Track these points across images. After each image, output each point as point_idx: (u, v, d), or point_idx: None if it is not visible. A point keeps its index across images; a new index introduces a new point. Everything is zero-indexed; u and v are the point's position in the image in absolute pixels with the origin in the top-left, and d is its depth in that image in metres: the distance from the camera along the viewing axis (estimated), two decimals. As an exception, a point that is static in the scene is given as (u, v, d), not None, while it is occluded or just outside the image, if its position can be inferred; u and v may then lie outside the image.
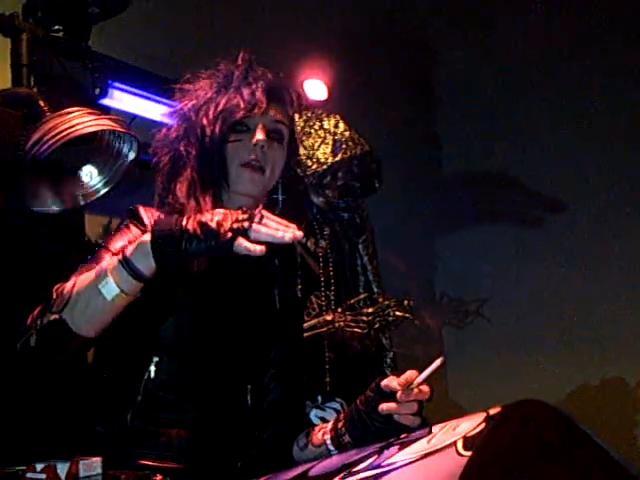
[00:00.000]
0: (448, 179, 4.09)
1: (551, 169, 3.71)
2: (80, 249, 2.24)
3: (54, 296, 1.48)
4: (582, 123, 3.64)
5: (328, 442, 1.56)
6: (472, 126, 3.95)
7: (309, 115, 2.89)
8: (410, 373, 1.44)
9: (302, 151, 2.79)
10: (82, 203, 2.15)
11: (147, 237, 1.44)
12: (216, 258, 1.59)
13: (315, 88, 3.22)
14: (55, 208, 2.11)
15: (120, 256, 1.44)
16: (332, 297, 2.81)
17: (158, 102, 2.49)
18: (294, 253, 1.92)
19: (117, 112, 2.41)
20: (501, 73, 3.87)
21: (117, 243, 1.60)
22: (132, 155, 2.03)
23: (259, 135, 1.67)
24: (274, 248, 1.71)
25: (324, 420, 2.13)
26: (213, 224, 1.39)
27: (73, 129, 1.97)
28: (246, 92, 1.67)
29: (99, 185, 2.16)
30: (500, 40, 3.85)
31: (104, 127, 2.03)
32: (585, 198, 3.63)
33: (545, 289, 3.70)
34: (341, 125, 2.82)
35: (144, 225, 1.63)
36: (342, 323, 2.78)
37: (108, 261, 1.47)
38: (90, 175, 2.17)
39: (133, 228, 1.64)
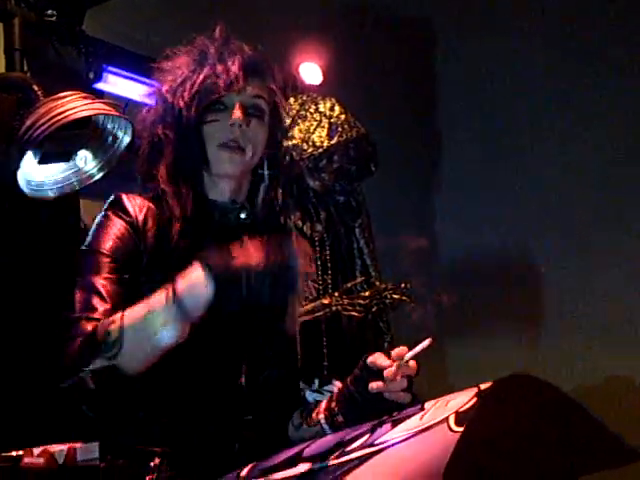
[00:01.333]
0: (447, 162, 4.08)
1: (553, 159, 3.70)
2: (76, 235, 2.24)
3: (99, 335, 1.40)
4: (585, 119, 3.63)
5: (322, 421, 1.55)
6: (473, 108, 3.93)
7: (304, 98, 2.89)
8: (401, 349, 1.44)
9: (298, 134, 2.79)
10: (77, 188, 2.15)
11: (201, 279, 1.33)
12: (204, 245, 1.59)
13: (310, 72, 3.21)
14: (50, 194, 2.11)
15: (172, 301, 1.35)
16: (329, 281, 2.81)
17: (153, 86, 2.48)
18: (285, 230, 1.89)
19: (112, 96, 2.41)
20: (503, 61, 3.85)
21: (107, 243, 1.56)
22: (127, 139, 2.02)
23: (236, 114, 1.62)
24: (264, 228, 1.70)
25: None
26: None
27: (67, 113, 1.97)
28: (222, 69, 1.61)
29: (94, 170, 2.16)
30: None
31: (98, 111, 2.03)
32: (584, 187, 3.61)
33: (547, 272, 3.70)
34: (337, 108, 2.82)
35: (129, 215, 1.59)
36: (339, 307, 2.79)
37: (158, 304, 1.37)
38: (85, 160, 2.16)
39: (116, 220, 1.59)
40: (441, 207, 4.05)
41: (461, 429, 1.03)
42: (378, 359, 1.46)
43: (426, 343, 1.41)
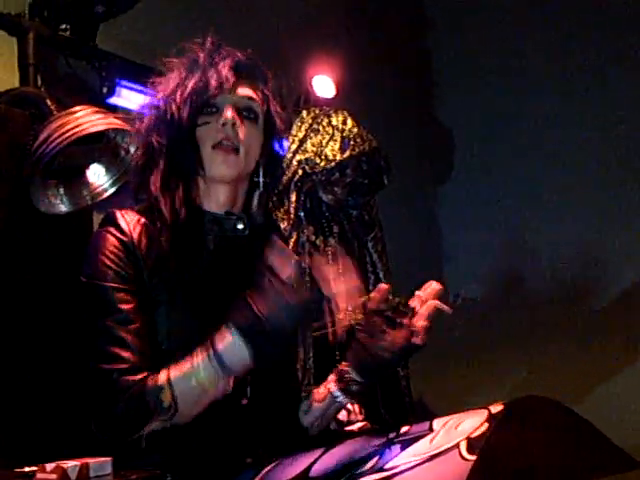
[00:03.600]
0: (458, 173, 4.07)
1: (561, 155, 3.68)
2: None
3: (151, 402, 1.43)
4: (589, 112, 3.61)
5: (333, 388, 1.57)
6: (477, 125, 3.93)
7: (317, 112, 2.88)
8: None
9: (310, 148, 2.78)
10: (90, 202, 2.15)
11: (237, 339, 1.40)
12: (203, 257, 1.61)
13: (323, 85, 3.21)
14: (63, 208, 2.11)
15: (214, 360, 1.41)
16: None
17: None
18: (282, 236, 1.87)
19: (125, 111, 2.41)
20: (503, 77, 3.85)
21: (108, 272, 1.54)
22: (139, 154, 2.02)
23: (227, 113, 1.61)
24: (262, 233, 1.68)
25: (334, 419, 2.12)
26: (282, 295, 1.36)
27: (79, 128, 1.97)
28: (212, 71, 1.61)
29: (106, 184, 2.16)
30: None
31: (111, 126, 2.04)
32: (595, 189, 3.59)
33: (561, 284, 3.67)
34: (349, 122, 2.81)
35: (124, 233, 1.58)
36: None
37: (201, 364, 1.42)
38: (97, 174, 2.17)
39: (112, 240, 1.58)
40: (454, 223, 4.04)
41: (473, 457, 1.01)
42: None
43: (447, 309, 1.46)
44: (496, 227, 3.80)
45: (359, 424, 2.04)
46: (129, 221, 1.61)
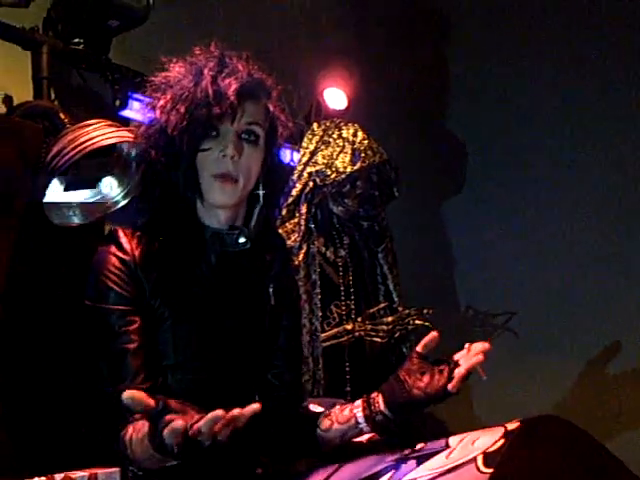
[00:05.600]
0: (471, 189, 4.06)
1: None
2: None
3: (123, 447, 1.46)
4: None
5: (359, 414, 1.55)
6: (490, 139, 3.93)
7: (328, 124, 2.89)
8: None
9: (321, 160, 2.79)
10: (102, 214, 2.16)
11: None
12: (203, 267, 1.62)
13: (335, 97, 3.22)
14: (76, 220, 2.12)
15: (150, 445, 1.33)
16: (352, 306, 2.80)
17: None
18: (285, 248, 1.87)
19: (138, 123, 2.42)
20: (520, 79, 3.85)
21: (110, 294, 1.57)
22: (152, 166, 2.03)
23: (229, 150, 1.59)
24: (264, 245, 1.71)
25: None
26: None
27: (92, 141, 1.99)
28: (216, 95, 1.56)
29: (119, 197, 2.16)
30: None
31: (123, 139, 2.05)
32: (610, 198, 3.58)
33: (571, 296, 3.65)
34: (360, 134, 2.81)
35: (125, 252, 1.60)
36: (362, 332, 2.78)
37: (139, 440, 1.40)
38: (110, 186, 2.17)
39: (113, 260, 1.59)
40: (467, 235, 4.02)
41: (490, 470, 1.01)
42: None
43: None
44: (508, 240, 3.78)
45: (367, 435, 2.05)
46: (130, 239, 1.62)
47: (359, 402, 1.58)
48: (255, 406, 1.22)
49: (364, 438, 2.04)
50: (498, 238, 3.81)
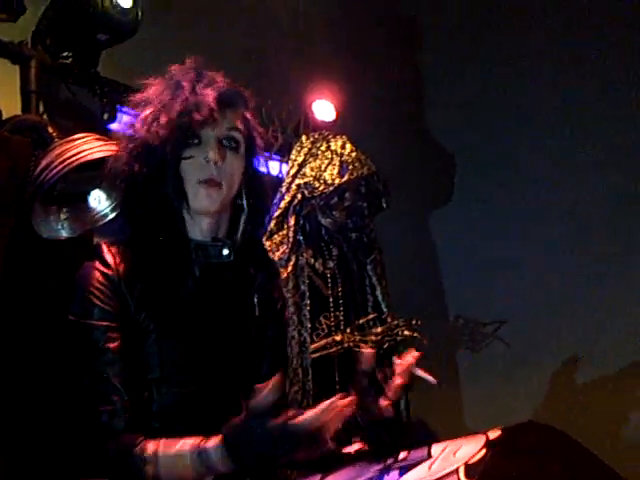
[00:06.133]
0: (458, 196, 4.08)
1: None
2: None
3: (135, 465, 1.47)
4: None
5: None
6: (477, 148, 3.94)
7: (316, 137, 2.89)
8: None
9: (309, 172, 2.80)
10: (90, 227, 2.16)
11: (223, 449, 1.40)
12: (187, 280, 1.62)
13: (323, 109, 3.24)
14: (64, 234, 2.12)
15: (200, 456, 1.42)
16: (341, 318, 2.80)
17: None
18: (268, 259, 1.87)
19: (126, 137, 2.43)
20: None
21: (94, 310, 1.57)
22: (140, 179, 2.03)
23: (211, 155, 1.61)
24: (248, 257, 1.72)
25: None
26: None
27: (80, 155, 2.00)
28: (196, 103, 1.59)
29: (107, 210, 2.17)
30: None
31: (111, 153, 2.05)
32: (600, 210, 3.58)
33: (563, 307, 3.66)
34: (348, 146, 2.82)
35: (108, 266, 1.60)
36: (351, 343, 2.78)
37: (188, 453, 1.44)
38: (98, 200, 2.18)
39: (97, 275, 1.60)
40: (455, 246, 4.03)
41: (472, 484, 1.02)
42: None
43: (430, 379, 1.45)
44: (496, 249, 3.79)
45: (356, 446, 2.05)
46: (114, 253, 1.62)
47: None
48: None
49: (352, 449, 2.05)
50: (487, 247, 3.82)
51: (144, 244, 1.64)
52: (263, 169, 3.19)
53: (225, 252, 1.68)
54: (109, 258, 1.61)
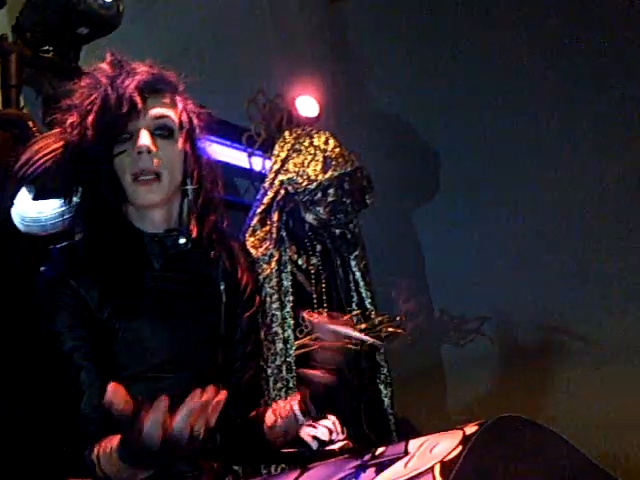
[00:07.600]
0: (441, 194, 4.09)
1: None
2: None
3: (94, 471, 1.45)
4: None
5: (295, 408, 1.66)
6: (462, 149, 3.95)
7: (299, 132, 2.89)
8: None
9: (292, 168, 2.79)
10: (73, 224, 2.15)
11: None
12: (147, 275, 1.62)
13: (307, 105, 3.23)
14: (46, 230, 2.11)
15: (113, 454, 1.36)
16: (325, 314, 2.80)
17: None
18: (230, 243, 1.84)
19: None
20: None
21: (59, 318, 1.55)
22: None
23: (141, 140, 1.57)
24: (207, 242, 1.69)
25: (316, 438, 2.12)
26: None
27: (61, 150, 1.98)
28: (118, 98, 1.55)
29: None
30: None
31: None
32: (589, 206, 3.59)
33: (547, 302, 3.68)
34: (331, 142, 2.81)
35: (62, 270, 1.58)
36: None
37: (114, 451, 1.38)
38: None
39: (53, 279, 1.59)
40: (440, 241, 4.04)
41: (446, 481, 1.01)
42: None
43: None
44: (478, 249, 3.80)
45: (340, 443, 2.05)
46: (68, 256, 1.61)
47: (296, 396, 1.68)
48: (221, 394, 1.24)
49: (336, 446, 2.05)
50: (472, 243, 3.83)
51: (97, 244, 1.61)
52: (242, 163, 3.19)
53: (182, 241, 1.65)
54: (62, 261, 1.60)
